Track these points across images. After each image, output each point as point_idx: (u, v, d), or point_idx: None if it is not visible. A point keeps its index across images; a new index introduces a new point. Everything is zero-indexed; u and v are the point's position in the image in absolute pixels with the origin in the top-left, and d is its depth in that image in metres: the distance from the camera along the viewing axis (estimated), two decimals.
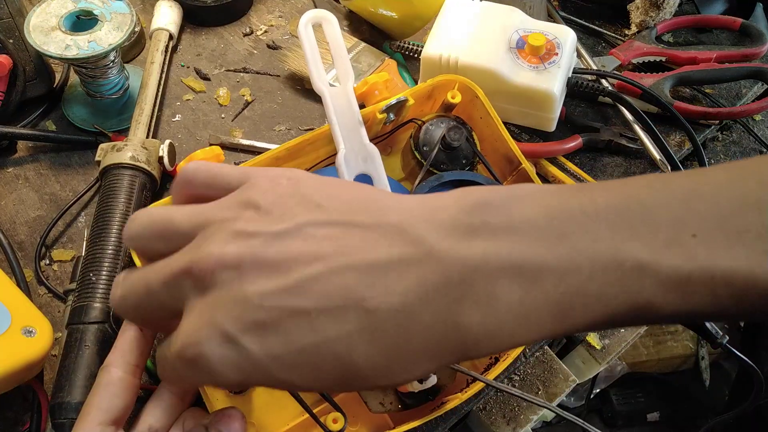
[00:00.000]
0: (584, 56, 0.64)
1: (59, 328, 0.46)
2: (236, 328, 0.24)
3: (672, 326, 1.32)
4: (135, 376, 0.38)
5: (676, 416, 1.32)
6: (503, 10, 0.56)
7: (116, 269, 0.46)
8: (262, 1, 0.71)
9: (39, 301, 0.50)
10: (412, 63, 0.64)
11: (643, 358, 1.29)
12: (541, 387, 0.50)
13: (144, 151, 0.52)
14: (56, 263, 0.52)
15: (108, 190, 0.49)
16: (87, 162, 0.58)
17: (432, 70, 0.55)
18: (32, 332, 0.41)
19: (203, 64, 0.65)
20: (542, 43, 0.53)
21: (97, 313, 0.44)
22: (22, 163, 0.58)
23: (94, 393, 0.37)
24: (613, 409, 1.30)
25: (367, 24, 0.67)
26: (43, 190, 0.56)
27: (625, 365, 1.28)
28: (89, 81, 0.57)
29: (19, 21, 0.54)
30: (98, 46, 0.52)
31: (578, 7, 0.73)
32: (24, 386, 0.44)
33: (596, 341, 0.53)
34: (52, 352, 0.46)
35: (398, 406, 0.42)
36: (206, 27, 0.68)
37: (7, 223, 0.54)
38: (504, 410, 0.49)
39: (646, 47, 0.64)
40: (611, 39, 0.69)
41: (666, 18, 0.67)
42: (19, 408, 0.45)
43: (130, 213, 0.48)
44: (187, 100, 0.62)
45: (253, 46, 0.67)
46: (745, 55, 0.63)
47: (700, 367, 1.32)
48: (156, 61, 0.61)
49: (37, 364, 0.41)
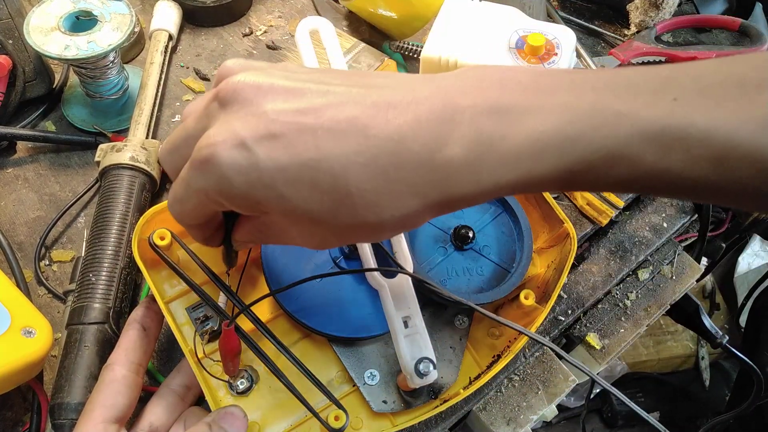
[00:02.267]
0: (584, 56, 0.64)
1: (59, 329, 0.46)
2: (250, 136, 0.26)
3: (672, 326, 1.32)
4: (138, 375, 0.39)
5: (676, 416, 1.32)
6: (503, 10, 0.56)
7: (116, 270, 0.46)
8: (261, 2, 0.71)
9: (39, 301, 0.50)
10: (411, 63, 0.64)
11: (643, 358, 1.29)
12: (541, 387, 0.50)
13: (144, 151, 0.52)
14: (56, 264, 0.52)
15: (107, 190, 0.49)
16: (87, 162, 0.57)
17: (431, 70, 0.55)
18: (32, 333, 0.41)
19: (203, 65, 0.65)
20: (542, 43, 0.53)
21: (97, 313, 0.44)
22: (22, 163, 0.58)
23: (98, 390, 0.37)
24: (613, 409, 1.30)
25: (366, 24, 0.67)
26: (43, 191, 0.56)
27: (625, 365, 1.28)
28: (89, 81, 0.57)
29: (19, 21, 0.54)
30: (98, 46, 0.52)
31: (578, 7, 0.73)
32: (24, 386, 0.44)
33: (596, 341, 0.53)
34: (52, 353, 0.46)
35: (401, 405, 0.42)
36: (206, 27, 0.68)
37: (7, 224, 0.54)
38: (504, 410, 0.49)
39: (646, 47, 0.64)
40: (611, 39, 0.69)
41: (665, 18, 0.67)
42: (19, 408, 0.45)
43: (129, 214, 0.48)
44: (187, 100, 0.62)
45: (252, 46, 0.67)
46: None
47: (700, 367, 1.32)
48: (155, 61, 0.61)
49: (37, 364, 0.41)
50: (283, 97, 0.27)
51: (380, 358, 0.43)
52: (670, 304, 0.56)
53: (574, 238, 0.45)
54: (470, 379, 0.44)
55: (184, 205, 0.29)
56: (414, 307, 0.40)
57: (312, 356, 0.44)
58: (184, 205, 0.29)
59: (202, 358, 0.41)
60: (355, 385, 0.42)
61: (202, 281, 0.40)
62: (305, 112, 0.26)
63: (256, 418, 0.41)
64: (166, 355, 0.47)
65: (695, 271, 0.57)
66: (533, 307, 0.44)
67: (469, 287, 0.44)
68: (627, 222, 0.58)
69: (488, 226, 0.47)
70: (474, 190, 0.26)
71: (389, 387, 0.42)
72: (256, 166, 0.26)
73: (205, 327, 0.42)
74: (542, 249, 0.49)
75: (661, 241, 0.57)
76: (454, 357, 0.44)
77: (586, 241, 0.57)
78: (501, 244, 0.46)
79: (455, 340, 0.44)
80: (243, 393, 0.42)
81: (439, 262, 0.45)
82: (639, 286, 0.56)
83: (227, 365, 0.40)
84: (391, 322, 0.39)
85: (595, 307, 0.55)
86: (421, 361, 0.38)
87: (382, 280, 0.40)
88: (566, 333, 0.54)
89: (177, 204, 0.30)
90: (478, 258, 0.45)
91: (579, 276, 0.54)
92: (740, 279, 1.33)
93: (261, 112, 0.26)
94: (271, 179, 0.26)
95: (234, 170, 0.26)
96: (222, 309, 0.40)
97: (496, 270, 0.45)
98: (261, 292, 0.45)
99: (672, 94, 0.24)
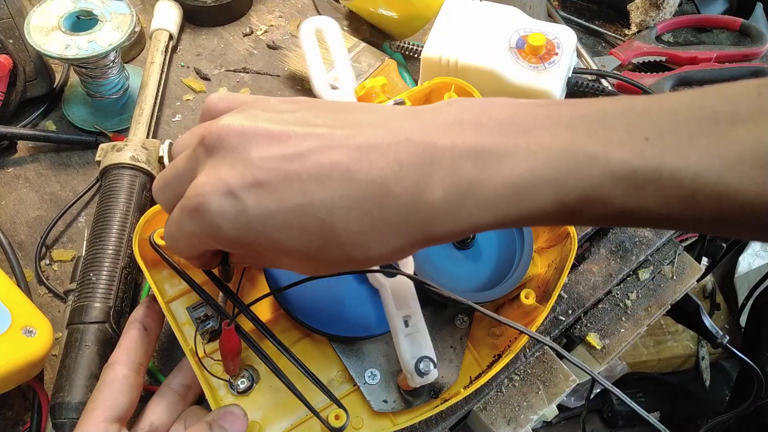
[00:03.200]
0: (584, 56, 0.64)
1: (59, 328, 0.46)
2: (238, 184, 0.27)
3: (672, 326, 1.32)
4: (139, 374, 0.39)
5: (676, 416, 1.32)
6: (503, 10, 0.56)
7: (116, 269, 0.46)
8: (262, 1, 0.71)
9: (39, 301, 0.50)
10: (412, 63, 0.64)
11: (643, 358, 1.29)
12: (541, 387, 0.50)
13: (144, 151, 0.52)
14: (56, 263, 0.52)
15: (108, 190, 0.49)
16: (87, 162, 0.57)
17: (432, 70, 0.55)
18: (32, 332, 0.41)
19: (203, 64, 0.65)
20: (542, 43, 0.53)
21: (97, 313, 0.44)
22: (22, 163, 0.58)
23: (99, 390, 0.37)
24: (613, 409, 1.30)
25: (367, 24, 0.67)
26: (43, 190, 0.56)
27: (625, 365, 1.28)
28: (89, 81, 0.57)
29: (19, 21, 0.54)
30: (98, 46, 0.52)
31: (578, 7, 0.73)
32: (24, 386, 0.44)
33: (597, 341, 0.53)
34: (52, 352, 0.46)
35: (402, 404, 0.42)
36: (206, 27, 0.68)
37: (7, 223, 0.54)
38: (504, 410, 0.49)
39: (646, 47, 0.64)
40: (611, 39, 0.69)
41: (666, 18, 0.67)
42: (19, 408, 0.45)
43: (130, 213, 0.48)
44: (187, 100, 0.62)
45: (253, 46, 0.67)
46: (745, 55, 0.63)
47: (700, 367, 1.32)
48: (156, 61, 0.61)
49: (37, 364, 0.41)
50: (267, 142, 0.27)
51: (381, 358, 0.43)
52: (671, 304, 0.56)
53: (574, 238, 0.45)
54: (471, 379, 0.44)
55: (178, 243, 0.31)
56: (415, 306, 0.40)
57: (312, 356, 0.44)
58: (177, 243, 0.31)
59: (202, 358, 0.41)
60: (356, 385, 0.42)
61: (202, 281, 0.40)
62: (290, 159, 0.27)
63: (257, 418, 0.41)
64: (167, 354, 0.47)
65: (696, 271, 0.57)
66: (533, 307, 0.44)
67: (470, 286, 0.44)
68: None
69: None
70: (454, 230, 0.27)
71: (390, 386, 0.42)
72: (244, 212, 0.27)
73: (206, 326, 0.42)
74: (542, 248, 0.49)
75: (661, 241, 0.57)
76: (455, 356, 0.44)
77: (587, 241, 0.57)
78: (501, 243, 0.46)
79: (456, 339, 0.44)
80: (243, 392, 0.42)
81: (440, 262, 0.45)
82: (639, 286, 0.56)
83: (228, 365, 0.40)
84: (391, 321, 0.39)
85: (596, 307, 0.55)
86: (421, 361, 0.38)
87: (383, 279, 0.40)
88: (567, 333, 0.54)
89: (171, 240, 0.32)
90: (479, 257, 0.45)
91: (579, 276, 0.54)
92: (741, 279, 1.33)
93: (246, 159, 0.27)
94: (261, 225, 0.27)
95: (223, 218, 0.27)
96: (222, 308, 0.40)
97: (497, 269, 0.45)
98: (261, 292, 0.45)
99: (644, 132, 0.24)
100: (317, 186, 0.26)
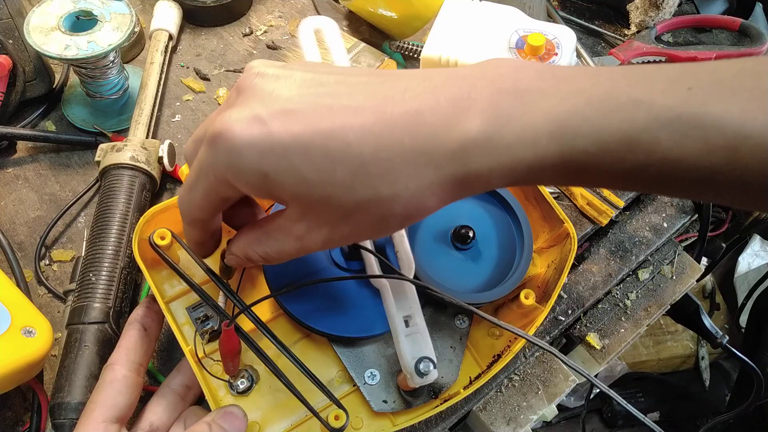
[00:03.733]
0: (584, 56, 0.64)
1: (59, 329, 0.46)
2: (266, 112, 0.26)
3: (672, 326, 1.32)
4: (139, 375, 0.39)
5: (676, 416, 1.32)
6: (503, 10, 0.56)
7: (116, 269, 0.46)
8: (261, 2, 0.71)
9: (39, 301, 0.50)
10: (412, 63, 0.64)
11: (643, 358, 1.29)
12: (541, 387, 0.50)
13: (144, 151, 0.52)
14: (56, 263, 0.52)
15: (108, 190, 0.49)
16: (87, 162, 0.57)
17: None
18: (32, 332, 0.41)
19: (203, 65, 0.65)
20: (542, 43, 0.53)
21: (97, 313, 0.44)
22: (22, 163, 0.58)
23: (99, 390, 0.37)
24: (613, 409, 1.30)
25: (366, 24, 0.67)
26: (43, 191, 0.56)
27: (625, 365, 1.28)
28: (89, 81, 0.57)
29: (19, 21, 0.54)
30: (98, 46, 0.52)
31: (578, 7, 0.73)
32: (24, 386, 0.44)
33: (596, 341, 0.53)
34: (52, 352, 0.46)
35: (401, 404, 0.42)
36: (206, 27, 0.68)
37: (7, 224, 0.54)
38: (504, 410, 0.49)
39: (646, 47, 0.64)
40: (611, 39, 0.69)
41: (666, 18, 0.67)
42: (19, 408, 0.45)
43: (129, 213, 0.48)
44: (187, 100, 0.62)
45: (252, 46, 0.67)
46: (744, 55, 0.63)
47: (700, 367, 1.32)
48: (156, 61, 0.61)
49: (37, 364, 0.41)
50: (301, 84, 0.27)
51: (380, 358, 0.43)
52: (671, 304, 0.56)
53: (574, 238, 0.45)
54: (470, 379, 0.44)
55: (192, 193, 0.30)
56: (415, 306, 0.40)
57: (312, 356, 0.44)
58: (192, 193, 0.30)
59: (202, 358, 0.41)
60: (356, 385, 0.42)
61: (202, 281, 0.40)
62: (323, 95, 0.27)
63: (256, 418, 0.41)
64: (167, 354, 0.47)
65: (695, 271, 0.57)
66: (533, 307, 0.44)
67: (469, 287, 0.44)
68: (627, 222, 0.58)
69: (488, 226, 0.47)
70: (490, 166, 0.26)
71: (389, 387, 0.42)
72: (269, 135, 0.26)
73: (206, 327, 0.42)
74: (542, 249, 0.49)
75: (661, 241, 0.57)
76: (455, 356, 0.44)
77: (587, 241, 0.57)
78: (501, 243, 0.46)
79: (455, 339, 0.44)
80: (243, 393, 0.42)
81: (440, 262, 0.45)
82: (639, 286, 0.56)
83: (227, 365, 0.40)
84: (392, 321, 0.39)
85: (596, 307, 0.55)
86: (421, 361, 0.38)
87: (384, 279, 0.40)
88: (566, 333, 0.54)
89: (186, 192, 0.30)
90: (478, 258, 0.45)
91: (579, 276, 0.54)
92: (740, 279, 1.33)
93: (278, 95, 0.27)
94: (283, 148, 0.26)
95: (245, 141, 0.26)
96: (222, 309, 0.40)
97: (496, 270, 0.45)
98: (261, 292, 0.45)
99: (687, 84, 0.24)
100: (348, 114, 0.26)
